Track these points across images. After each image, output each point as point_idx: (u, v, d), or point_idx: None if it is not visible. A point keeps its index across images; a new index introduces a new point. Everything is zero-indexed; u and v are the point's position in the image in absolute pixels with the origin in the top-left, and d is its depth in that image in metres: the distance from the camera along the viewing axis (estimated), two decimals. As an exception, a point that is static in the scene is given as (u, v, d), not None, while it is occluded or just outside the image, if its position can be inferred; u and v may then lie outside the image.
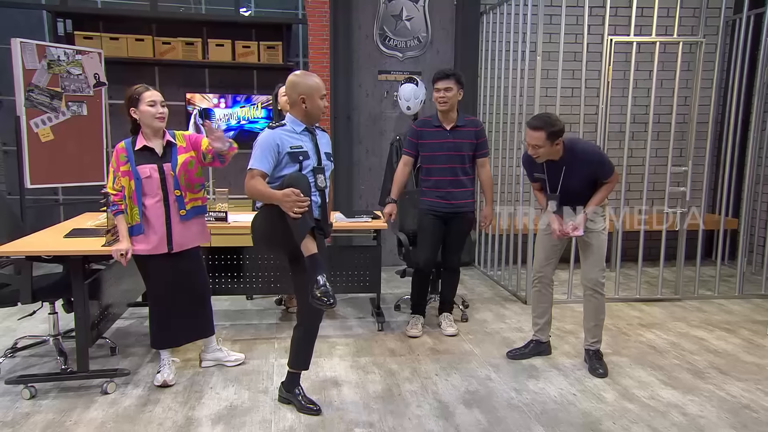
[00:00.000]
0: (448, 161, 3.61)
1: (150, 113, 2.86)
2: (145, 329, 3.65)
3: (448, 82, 3.52)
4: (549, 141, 2.99)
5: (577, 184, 3.13)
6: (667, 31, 5.34)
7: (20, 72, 4.39)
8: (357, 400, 2.91)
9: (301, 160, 2.65)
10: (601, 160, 3.14)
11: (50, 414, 2.72)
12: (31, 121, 4.51)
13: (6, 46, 4.56)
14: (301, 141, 2.67)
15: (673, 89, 4.59)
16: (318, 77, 2.72)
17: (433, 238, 3.70)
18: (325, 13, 5.31)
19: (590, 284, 3.26)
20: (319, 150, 2.72)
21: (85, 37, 5.01)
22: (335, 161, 5.39)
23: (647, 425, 2.69)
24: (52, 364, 3.23)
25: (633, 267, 4.94)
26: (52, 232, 3.33)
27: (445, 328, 3.85)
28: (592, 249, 3.24)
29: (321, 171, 2.71)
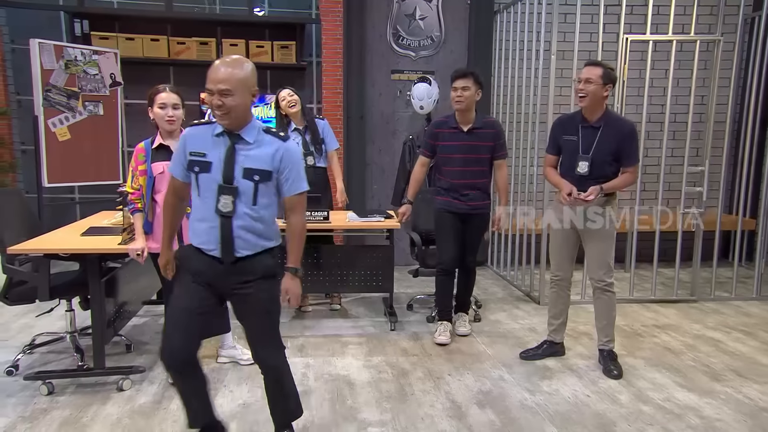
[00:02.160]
0: (465, 163, 3.58)
1: (159, 115, 2.89)
2: (161, 327, 3.68)
3: (465, 81, 3.49)
4: (602, 81, 3.01)
5: (605, 155, 3.09)
6: (683, 29, 5.28)
7: (38, 72, 4.45)
8: (370, 399, 2.92)
9: (197, 171, 2.12)
10: (634, 136, 3.13)
11: (67, 410, 2.76)
12: (48, 121, 4.57)
13: (25, 46, 4.63)
14: (210, 147, 2.12)
15: (690, 88, 4.55)
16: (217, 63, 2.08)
17: (453, 236, 3.66)
18: (338, 13, 5.33)
19: (597, 283, 3.25)
20: (232, 164, 2.09)
21: (101, 37, 5.07)
22: (348, 161, 5.49)
23: (663, 428, 2.68)
24: (69, 361, 3.28)
25: (647, 268, 4.90)
26: (70, 231, 3.37)
27: (458, 328, 3.84)
28: (595, 249, 3.23)
29: (228, 191, 2.09)
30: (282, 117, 4.06)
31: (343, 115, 5.44)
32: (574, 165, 3.15)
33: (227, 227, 2.12)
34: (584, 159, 3.12)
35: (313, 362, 3.36)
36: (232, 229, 2.12)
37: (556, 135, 3.28)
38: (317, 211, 3.79)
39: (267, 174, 2.13)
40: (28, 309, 3.82)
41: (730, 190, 5.76)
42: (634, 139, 3.13)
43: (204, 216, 2.14)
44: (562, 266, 3.37)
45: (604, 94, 3.07)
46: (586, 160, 3.12)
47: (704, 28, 5.37)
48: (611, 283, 3.24)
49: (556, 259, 3.39)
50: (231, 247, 2.14)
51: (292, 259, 2.25)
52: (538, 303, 4.55)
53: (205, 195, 2.12)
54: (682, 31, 5.22)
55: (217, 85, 2.03)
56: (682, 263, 4.72)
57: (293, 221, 2.24)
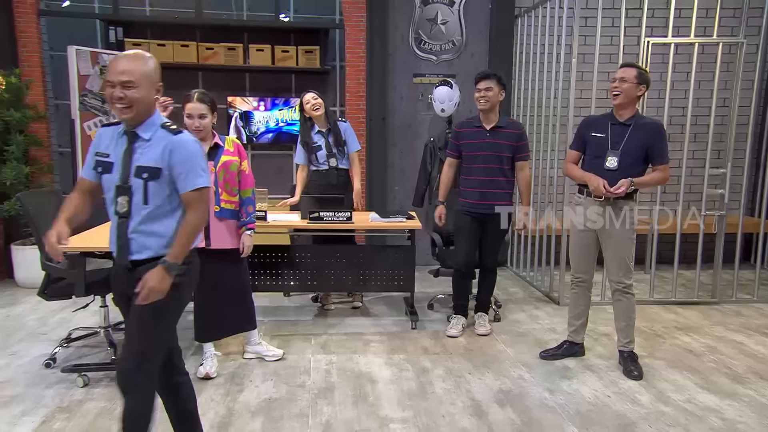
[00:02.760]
0: (486, 161, 3.57)
1: (188, 124, 2.95)
2: (188, 323, 3.72)
3: (489, 82, 3.50)
4: (636, 80, 3.03)
5: (634, 151, 3.07)
6: (705, 32, 5.19)
7: (75, 77, 4.55)
8: (391, 396, 2.92)
9: (100, 172, 2.03)
10: (664, 135, 3.12)
11: (101, 402, 2.82)
12: (84, 124, 4.67)
13: (63, 53, 4.74)
14: (114, 147, 2.03)
15: (712, 90, 4.46)
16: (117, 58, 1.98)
17: (470, 239, 3.68)
18: (361, 18, 5.34)
19: (615, 285, 3.21)
20: (128, 164, 1.98)
21: (134, 43, 5.14)
22: (370, 163, 5.50)
23: (684, 429, 2.63)
24: (103, 355, 3.34)
25: (667, 269, 4.82)
26: (104, 230, 3.42)
27: (478, 328, 3.82)
28: (613, 250, 3.19)
29: (123, 191, 1.98)
30: (306, 120, 4.09)
31: (366, 117, 5.45)
32: (601, 161, 3.13)
33: (123, 228, 2.00)
34: (614, 154, 3.10)
35: (336, 359, 3.38)
36: (128, 230, 2.00)
37: (584, 131, 3.25)
38: (340, 212, 3.80)
39: (156, 171, 1.99)
40: (65, 304, 3.91)
41: (752, 192, 5.64)
42: (663, 138, 3.11)
43: (111, 217, 2.04)
44: (583, 267, 3.33)
45: (637, 94, 3.08)
46: (615, 155, 3.10)
47: (726, 30, 5.26)
48: (630, 285, 3.20)
49: (576, 261, 3.36)
50: (126, 250, 2.01)
51: (172, 253, 1.99)
52: (558, 304, 4.51)
53: (109, 196, 2.04)
54: (704, 33, 5.12)
55: (119, 76, 1.92)
56: (703, 265, 4.63)
57: (187, 217, 2.05)
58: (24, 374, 3.10)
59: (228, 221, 3.06)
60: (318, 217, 3.77)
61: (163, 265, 1.95)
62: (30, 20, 5.02)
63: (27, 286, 4.70)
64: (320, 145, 4.08)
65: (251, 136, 5.47)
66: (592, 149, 3.21)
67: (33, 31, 5.04)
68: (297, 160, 4.22)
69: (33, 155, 4.88)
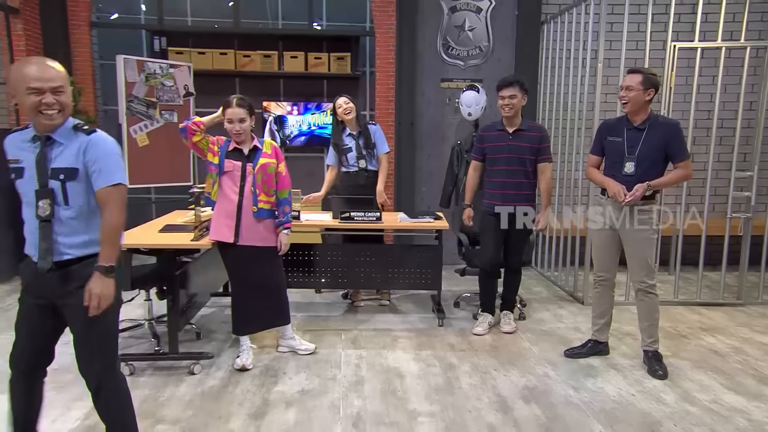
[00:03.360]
0: (509, 163, 3.55)
1: (228, 128, 2.99)
2: (226, 317, 3.79)
3: (512, 89, 3.47)
4: (642, 86, 2.95)
5: (651, 153, 3.01)
6: (732, 36, 5.04)
7: (123, 84, 4.67)
8: (419, 390, 2.92)
9: (14, 178, 1.96)
10: (679, 133, 3.02)
11: (146, 390, 2.88)
12: (130, 128, 4.78)
13: (111, 62, 4.86)
14: (24, 152, 1.95)
15: (738, 94, 4.33)
16: (40, 64, 1.91)
17: (495, 239, 3.65)
18: (391, 26, 5.35)
19: (638, 285, 3.14)
20: (44, 168, 1.92)
21: (177, 52, 5.26)
22: (399, 165, 5.50)
23: (710, 429, 2.56)
24: (147, 345, 3.42)
25: (691, 271, 4.70)
26: (148, 228, 3.51)
27: (503, 326, 3.79)
28: (634, 251, 3.12)
29: (44, 195, 1.91)
30: (338, 123, 4.11)
31: (395, 121, 5.45)
32: (619, 166, 3.08)
33: (46, 231, 1.93)
34: (630, 160, 3.04)
35: (366, 354, 3.39)
36: (51, 233, 1.93)
37: (602, 136, 3.21)
38: (370, 212, 3.81)
39: (72, 172, 1.93)
40: (111, 298, 4.00)
41: (779, 195, 5.45)
42: (679, 135, 3.03)
43: (29, 222, 1.97)
44: (605, 267, 3.28)
45: (646, 99, 3.00)
46: (632, 161, 3.04)
47: (754, 34, 5.10)
48: (653, 285, 3.12)
49: (599, 260, 3.30)
50: (49, 253, 1.93)
51: (103, 257, 1.94)
52: (582, 303, 4.43)
53: (26, 201, 1.96)
54: (731, 38, 4.98)
55: (49, 83, 1.87)
56: (729, 267, 4.49)
57: (104, 217, 1.96)
58: (74, 361, 3.18)
59: (265, 221, 3.09)
60: (349, 217, 3.79)
61: (100, 271, 1.92)
62: (83, 32, 5.18)
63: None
64: (350, 147, 4.09)
65: (285, 140, 5.53)
66: (611, 154, 3.16)
67: (85, 41, 5.20)
68: (328, 161, 4.25)
69: (83, 157, 5.02)
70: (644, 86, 2.96)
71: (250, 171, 3.02)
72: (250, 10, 5.58)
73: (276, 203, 3.13)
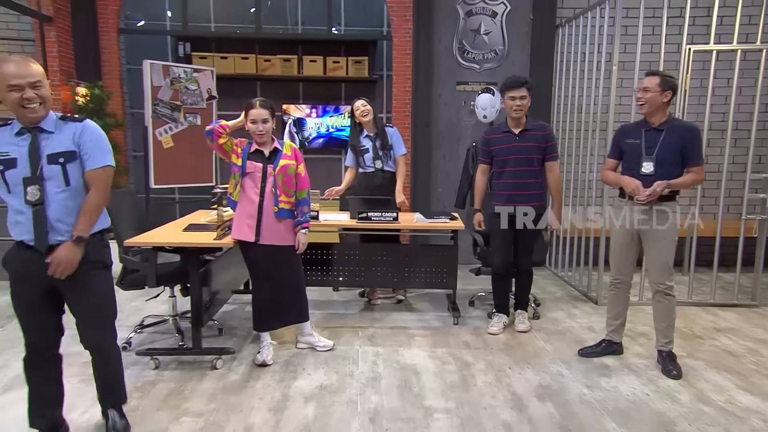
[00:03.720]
0: (516, 164, 3.51)
1: (251, 129, 3.01)
2: (247, 314, 3.82)
3: (522, 90, 3.43)
4: (660, 88, 2.91)
5: (669, 155, 2.95)
6: (748, 39, 4.95)
7: (149, 88, 4.73)
8: (435, 387, 2.91)
9: (2, 169, 2.04)
10: (698, 138, 2.97)
11: (171, 383, 2.92)
12: (155, 131, 4.84)
13: (138, 66, 4.93)
14: (12, 146, 2.06)
15: (754, 96, 4.25)
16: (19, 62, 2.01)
17: (505, 241, 3.62)
18: (408, 30, 5.34)
19: (657, 286, 3.08)
20: (37, 157, 2.05)
21: (200, 57, 5.31)
22: (415, 166, 5.49)
23: (725, 429, 2.52)
24: (172, 340, 3.46)
25: (705, 272, 4.63)
26: (173, 227, 3.55)
27: (517, 325, 3.76)
28: (654, 252, 3.06)
29: (33, 181, 2.04)
30: (356, 125, 4.12)
31: (411, 123, 5.44)
32: (637, 166, 3.03)
33: (40, 215, 2.06)
34: (649, 159, 2.99)
35: (383, 351, 3.39)
36: (47, 215, 2.07)
37: (619, 140, 3.16)
38: (387, 212, 3.81)
39: (71, 154, 2.10)
40: (138, 294, 4.02)
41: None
42: (697, 141, 2.97)
43: (18, 209, 2.07)
44: (623, 269, 3.22)
45: (663, 101, 2.95)
46: (650, 161, 2.99)
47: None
48: (671, 286, 3.07)
49: (616, 262, 3.25)
50: (45, 235, 2.07)
51: (78, 228, 2.10)
52: (596, 303, 4.39)
53: (15, 190, 2.06)
54: (746, 40, 4.89)
55: (26, 78, 1.99)
56: (743, 268, 4.41)
57: (89, 195, 2.13)
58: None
59: (285, 220, 3.11)
60: (366, 217, 3.80)
61: (71, 240, 2.08)
62: (111, 38, 5.26)
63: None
64: (368, 148, 4.10)
65: (303, 141, 5.55)
66: (628, 156, 3.11)
67: (114, 47, 5.28)
68: (347, 162, 4.27)
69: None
70: (662, 88, 2.92)
71: (270, 172, 3.04)
72: (271, 16, 5.61)
73: (295, 203, 3.15)
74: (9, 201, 2.09)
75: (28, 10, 4.83)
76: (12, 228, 2.12)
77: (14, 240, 2.14)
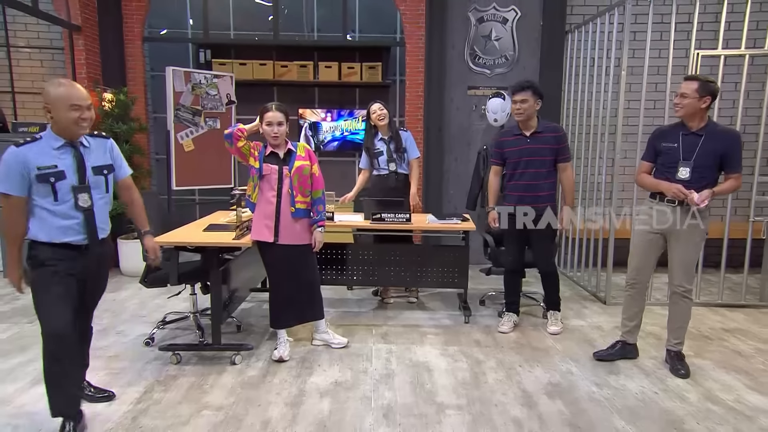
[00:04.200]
0: (528, 166, 3.48)
1: (266, 131, 3.02)
2: (264, 311, 3.83)
3: (524, 94, 3.40)
4: (698, 93, 2.79)
5: (708, 161, 2.84)
6: (755, 43, 4.87)
7: (171, 94, 4.77)
8: (447, 384, 2.90)
9: (53, 181, 2.20)
10: (739, 144, 2.85)
11: (192, 377, 2.94)
12: (177, 134, 4.89)
13: (161, 73, 4.98)
14: (56, 159, 2.22)
15: (761, 100, 4.18)
16: (75, 86, 2.24)
17: (518, 240, 3.60)
18: (421, 36, 5.33)
19: (677, 288, 3.00)
20: (83, 168, 2.27)
21: (220, 63, 5.36)
22: (427, 169, 5.47)
23: (733, 428, 2.48)
24: (192, 336, 3.48)
25: (712, 273, 4.56)
26: (194, 227, 3.57)
27: (549, 326, 3.70)
28: (681, 254, 2.97)
29: (83, 189, 2.27)
30: (371, 128, 4.12)
31: (424, 127, 5.44)
32: (673, 170, 2.91)
33: (90, 217, 2.30)
34: (686, 165, 2.87)
35: (396, 348, 3.38)
36: (95, 218, 2.32)
37: (656, 143, 3.03)
38: (400, 213, 3.81)
39: (110, 167, 2.42)
40: (161, 291, 4.09)
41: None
42: (739, 147, 2.85)
43: (66, 214, 2.25)
44: (642, 271, 3.12)
45: (702, 106, 2.82)
46: (687, 166, 2.87)
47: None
48: (690, 289, 2.99)
49: (637, 264, 3.12)
50: (95, 233, 2.34)
51: (144, 224, 2.62)
52: (605, 303, 4.34)
53: (64, 198, 2.24)
54: (754, 45, 4.82)
55: (86, 101, 2.26)
56: (751, 270, 4.34)
57: (136, 196, 2.59)
58: (128, 350, 3.28)
59: (302, 220, 3.12)
60: (380, 218, 3.80)
61: (150, 233, 2.65)
62: (136, 46, 5.32)
63: (130, 274, 4.97)
64: (382, 151, 4.10)
65: (319, 144, 5.57)
66: (664, 159, 2.97)
67: (138, 55, 5.34)
68: (361, 164, 4.27)
69: (136, 162, 5.15)
70: (700, 94, 2.79)
71: (286, 174, 3.05)
72: (288, 24, 5.64)
73: (311, 202, 3.16)
74: (55, 209, 2.24)
75: (59, 20, 4.90)
76: (55, 231, 2.24)
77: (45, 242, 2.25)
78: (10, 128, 4.92)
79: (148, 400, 2.67)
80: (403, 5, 5.33)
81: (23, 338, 3.46)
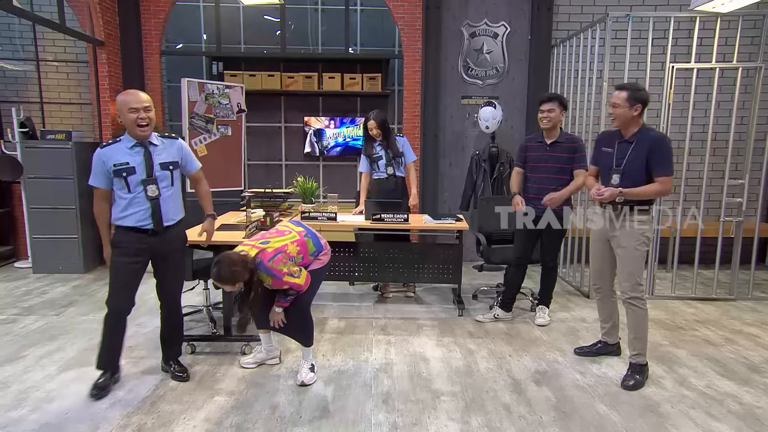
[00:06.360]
0: (546, 171, 3.49)
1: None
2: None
3: (551, 104, 3.40)
4: (628, 103, 2.64)
5: (635, 167, 2.69)
6: (725, 58, 4.89)
7: (186, 103, 4.77)
8: (442, 372, 2.91)
9: (125, 176, 2.46)
10: (663, 146, 2.65)
11: (206, 366, 2.94)
12: (192, 140, 4.88)
13: (176, 84, 4.97)
14: (129, 156, 2.48)
15: (731, 110, 4.20)
16: (135, 93, 2.48)
17: (529, 236, 3.57)
18: (418, 49, 5.34)
19: (622, 295, 2.81)
20: (151, 163, 2.51)
21: (231, 74, 5.35)
22: (424, 172, 5.48)
23: (705, 411, 2.50)
24: (206, 328, 3.49)
25: (687, 269, 4.58)
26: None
27: (537, 319, 3.71)
28: (620, 262, 2.81)
29: (151, 182, 2.50)
30: (369, 136, 4.12)
31: (420, 133, 5.44)
32: (607, 177, 2.80)
33: (156, 206, 2.53)
34: (616, 172, 2.75)
35: (394, 340, 3.39)
36: (160, 206, 2.54)
37: (597, 146, 2.97)
38: (398, 214, 3.81)
39: (176, 163, 2.62)
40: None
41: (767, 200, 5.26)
42: (662, 149, 2.64)
43: (137, 203, 2.50)
44: (601, 275, 2.99)
45: (633, 114, 2.67)
46: (618, 173, 2.74)
47: (745, 56, 4.94)
48: (636, 297, 2.76)
49: (592, 269, 3.07)
50: (161, 220, 2.56)
51: (211, 208, 2.86)
52: (588, 297, 4.35)
53: (136, 190, 2.49)
54: (724, 59, 4.84)
55: (143, 104, 2.46)
56: (721, 266, 4.36)
57: (204, 187, 2.84)
58: (147, 341, 3.28)
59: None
60: (380, 218, 3.80)
61: (212, 217, 2.87)
62: (154, 59, 5.32)
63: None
64: (381, 156, 4.10)
65: (323, 150, 5.57)
66: (602, 165, 2.88)
67: (156, 67, 5.33)
68: (361, 168, 4.27)
69: (152, 165, 5.14)
70: (630, 103, 2.65)
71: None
72: (295, 38, 5.64)
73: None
74: (128, 197, 2.50)
75: (84, 36, 4.90)
76: (126, 218, 2.52)
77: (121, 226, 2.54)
78: (39, 135, 4.91)
79: (165, 387, 2.68)
80: (401, 21, 5.34)
81: (51, 329, 3.46)
